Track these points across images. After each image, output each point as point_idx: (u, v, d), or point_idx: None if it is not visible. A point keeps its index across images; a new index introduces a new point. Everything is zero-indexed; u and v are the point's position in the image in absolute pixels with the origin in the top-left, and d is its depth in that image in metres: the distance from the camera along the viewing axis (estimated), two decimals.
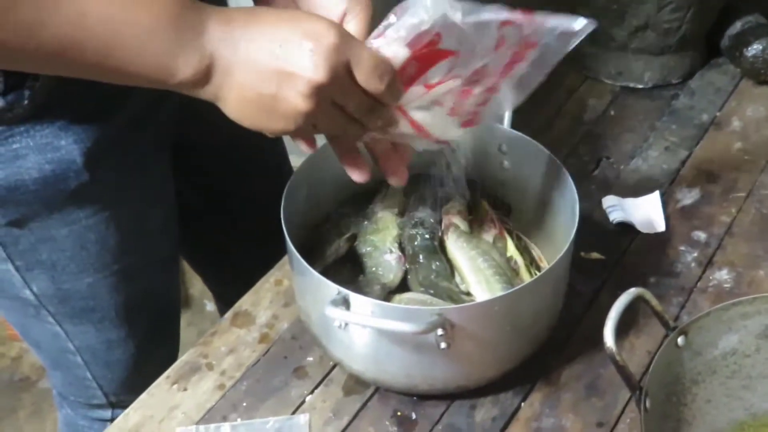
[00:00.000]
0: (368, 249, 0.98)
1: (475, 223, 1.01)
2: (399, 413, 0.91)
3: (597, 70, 1.36)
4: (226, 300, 1.12)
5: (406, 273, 0.96)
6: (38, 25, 0.64)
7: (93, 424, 1.15)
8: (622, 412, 0.90)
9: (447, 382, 0.89)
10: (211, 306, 1.95)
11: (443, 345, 0.82)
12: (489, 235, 0.99)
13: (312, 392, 0.93)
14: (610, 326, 0.77)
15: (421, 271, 0.96)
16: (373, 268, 0.96)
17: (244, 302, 1.03)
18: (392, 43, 0.70)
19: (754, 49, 1.30)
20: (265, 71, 0.67)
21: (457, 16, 0.69)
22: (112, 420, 1.10)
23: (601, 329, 0.77)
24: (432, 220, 1.01)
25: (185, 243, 1.16)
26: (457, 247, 0.98)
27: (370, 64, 0.68)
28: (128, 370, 1.08)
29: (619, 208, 1.12)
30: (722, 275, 1.04)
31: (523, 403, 0.92)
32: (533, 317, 0.89)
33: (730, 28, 1.36)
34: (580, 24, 0.77)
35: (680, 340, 0.84)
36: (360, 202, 1.03)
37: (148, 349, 1.08)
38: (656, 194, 1.14)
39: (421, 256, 0.97)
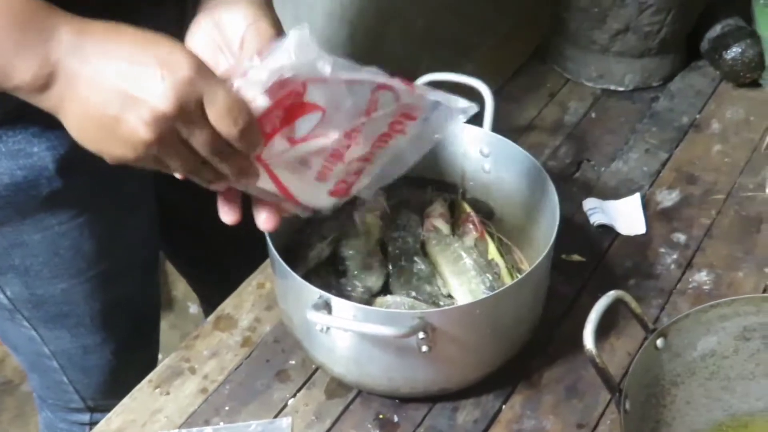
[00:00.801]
0: (350, 252, 0.98)
1: (457, 225, 1.02)
2: (381, 416, 0.91)
3: (578, 72, 1.37)
4: (211, 302, 1.12)
5: (388, 276, 0.97)
6: None
7: (72, 427, 1.14)
8: (603, 413, 0.91)
9: (429, 384, 0.89)
10: (194, 308, 1.95)
11: (425, 348, 0.82)
12: (470, 238, 0.99)
13: (294, 395, 0.93)
14: (589, 329, 0.78)
15: (403, 274, 0.96)
16: (356, 272, 0.96)
17: (227, 305, 1.03)
18: (252, 85, 0.65)
19: (734, 51, 1.32)
20: (110, 90, 0.64)
21: (326, 69, 0.65)
22: (90, 424, 1.10)
23: (581, 331, 0.77)
24: (414, 224, 1.01)
25: (169, 245, 1.15)
26: (438, 250, 0.99)
27: (225, 104, 0.64)
28: (105, 376, 1.07)
29: (599, 211, 1.12)
30: (701, 277, 1.05)
31: (504, 405, 0.92)
32: (514, 320, 0.90)
33: (710, 31, 1.37)
34: (462, 104, 0.75)
35: (659, 342, 0.85)
36: (343, 205, 1.03)
37: (125, 354, 1.07)
38: (636, 196, 1.15)
39: (403, 259, 0.98)
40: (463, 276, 0.96)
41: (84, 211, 0.91)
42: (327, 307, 0.82)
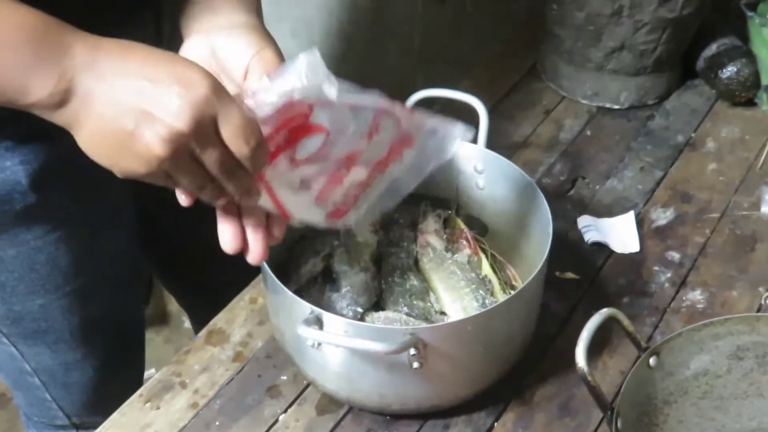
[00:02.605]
0: (343, 267, 0.98)
1: (450, 242, 1.02)
2: None
3: (573, 90, 1.37)
4: (199, 318, 1.11)
5: (381, 291, 0.97)
6: None
7: None
8: (595, 431, 0.90)
9: (420, 401, 0.89)
10: (189, 323, 1.94)
11: (416, 365, 0.82)
12: (463, 255, 0.99)
13: (285, 411, 0.93)
14: (581, 347, 0.77)
15: (396, 289, 0.96)
16: (348, 287, 0.96)
17: (219, 320, 1.02)
18: (263, 106, 0.67)
19: (729, 71, 1.32)
20: (126, 106, 0.64)
21: (332, 93, 0.66)
22: None
23: (574, 349, 0.77)
24: (407, 239, 1.01)
25: (155, 261, 1.15)
26: (432, 266, 0.98)
27: (238, 124, 0.65)
28: (88, 392, 1.06)
29: (594, 228, 1.12)
30: (695, 296, 1.05)
31: (496, 423, 0.92)
32: (507, 337, 0.89)
33: (706, 50, 1.37)
34: (458, 130, 0.76)
35: (652, 360, 0.84)
36: None
37: (108, 371, 1.06)
38: (631, 214, 1.15)
39: (396, 275, 0.97)
40: (456, 292, 0.95)
41: (59, 226, 0.91)
42: (318, 322, 0.82)
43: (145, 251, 1.07)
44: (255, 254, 0.76)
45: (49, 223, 0.90)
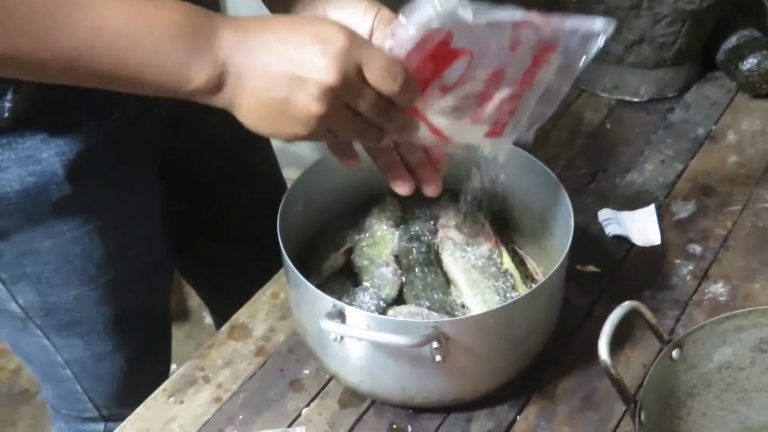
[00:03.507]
0: (365, 262, 0.98)
1: (471, 236, 1.01)
2: (395, 426, 0.91)
3: (593, 83, 1.37)
4: (221, 313, 1.12)
5: (402, 286, 0.97)
6: (55, 34, 0.65)
7: None
8: (617, 425, 0.90)
9: (442, 395, 0.89)
10: (209, 319, 1.95)
11: (438, 358, 0.82)
12: (485, 248, 0.99)
13: (308, 405, 0.93)
14: (604, 339, 0.77)
15: (417, 283, 0.96)
16: (370, 281, 0.96)
17: (241, 315, 1.03)
18: (404, 43, 0.69)
19: (750, 62, 1.31)
20: (276, 75, 0.68)
21: (468, 15, 0.68)
22: None
23: (596, 342, 0.77)
24: (428, 233, 1.01)
25: (178, 256, 1.16)
26: (452, 260, 0.98)
27: (383, 65, 0.68)
28: (118, 384, 1.08)
29: (614, 221, 1.12)
30: (717, 288, 1.04)
31: (518, 416, 0.92)
32: (528, 330, 0.89)
33: (726, 42, 1.37)
34: (599, 25, 0.75)
35: (675, 353, 0.84)
36: (357, 215, 1.03)
37: (138, 362, 1.08)
38: (652, 207, 1.14)
39: (417, 269, 0.97)
40: (477, 286, 0.95)
41: (93, 218, 0.92)
42: (341, 316, 0.82)
43: (168, 240, 1.08)
44: (432, 187, 0.86)
45: (83, 215, 0.91)
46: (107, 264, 0.96)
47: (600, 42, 0.77)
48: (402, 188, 0.84)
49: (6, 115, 0.80)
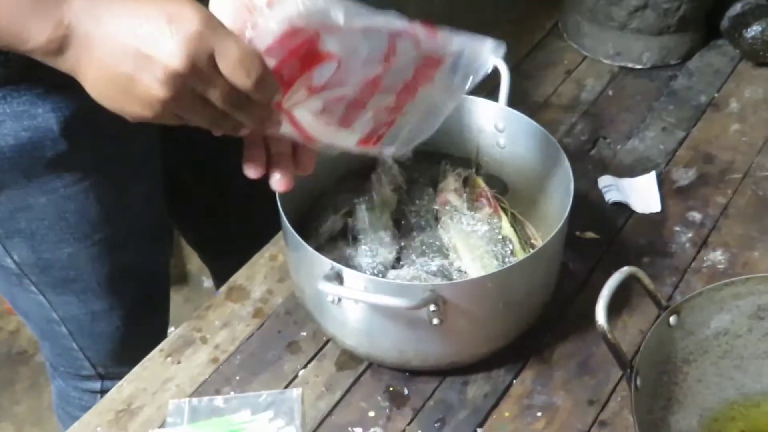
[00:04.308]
0: (363, 226, 0.98)
1: (471, 200, 1.01)
2: (391, 388, 0.91)
3: (595, 49, 1.36)
4: (221, 276, 1.12)
5: (401, 249, 0.97)
6: None
7: (83, 395, 1.15)
8: (613, 390, 0.91)
9: (439, 358, 0.89)
10: (208, 282, 1.95)
11: (436, 321, 0.82)
12: (484, 213, 0.99)
13: (305, 367, 0.93)
14: (602, 304, 0.77)
15: (416, 247, 0.96)
16: (368, 245, 0.96)
17: (239, 277, 1.03)
18: (264, 36, 0.65)
19: (754, 30, 1.30)
20: (123, 49, 0.63)
21: (339, 17, 0.65)
22: (101, 392, 1.11)
23: (594, 308, 0.77)
24: (428, 198, 1.01)
25: (179, 217, 1.15)
26: (452, 225, 0.98)
27: (236, 57, 0.63)
28: (114, 343, 1.08)
29: (615, 188, 1.12)
30: (716, 256, 1.04)
31: (515, 380, 0.92)
32: (526, 295, 0.89)
33: (730, 9, 1.35)
34: (488, 46, 0.73)
35: (672, 319, 0.84)
36: (357, 178, 1.03)
37: (134, 321, 1.07)
38: (652, 174, 1.14)
39: (416, 233, 0.97)
40: (476, 250, 0.95)
41: (89, 175, 0.91)
42: (338, 278, 0.82)
43: (168, 203, 1.08)
44: (278, 181, 0.78)
45: (79, 172, 0.90)
46: (103, 222, 0.95)
47: (489, 64, 0.75)
48: (250, 170, 0.77)
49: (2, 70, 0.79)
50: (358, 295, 0.82)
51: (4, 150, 0.84)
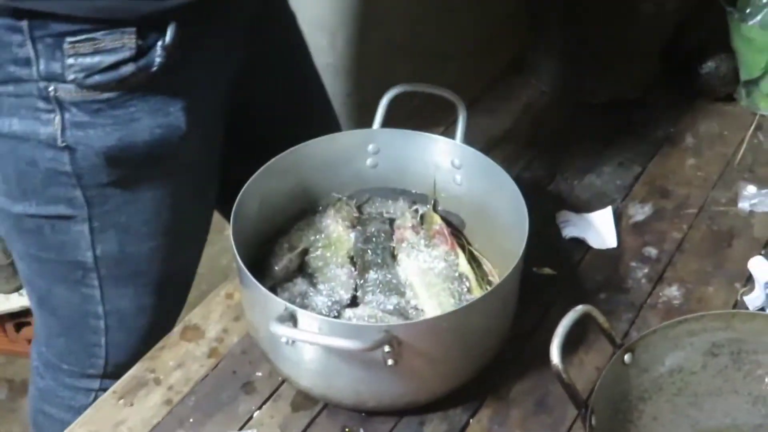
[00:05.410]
0: (320, 264, 0.97)
1: (427, 237, 1.01)
2: (347, 429, 0.90)
3: (554, 84, 1.37)
4: None
5: (357, 287, 0.96)
6: None
7: (76, 394, 1.13)
8: (570, 428, 0.90)
9: (395, 398, 0.89)
10: None
11: (390, 362, 0.81)
12: (441, 250, 0.99)
13: (260, 408, 0.92)
14: (556, 344, 0.77)
15: (373, 286, 0.96)
16: (324, 283, 0.95)
17: (194, 316, 1.02)
18: None
19: (708, 66, 1.32)
20: None
21: None
22: (100, 390, 1.09)
23: (550, 345, 0.77)
24: (384, 235, 1.01)
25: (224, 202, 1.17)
26: (408, 262, 0.98)
27: None
28: (143, 339, 1.07)
29: (572, 224, 1.12)
30: (672, 291, 1.05)
31: (471, 419, 0.91)
32: (483, 333, 0.89)
33: (685, 44, 1.37)
34: None
35: (627, 357, 0.84)
36: (312, 215, 1.03)
37: (169, 318, 1.10)
38: (609, 210, 1.14)
39: (372, 271, 0.97)
40: (433, 288, 0.95)
41: (189, 172, 0.97)
42: (292, 319, 0.81)
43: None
44: None
45: (184, 170, 0.96)
46: (187, 219, 1.00)
47: None
48: None
49: (155, 69, 0.86)
50: (311, 337, 0.81)
51: (138, 145, 0.89)
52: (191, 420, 0.91)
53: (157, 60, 0.85)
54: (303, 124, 1.13)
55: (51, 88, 0.86)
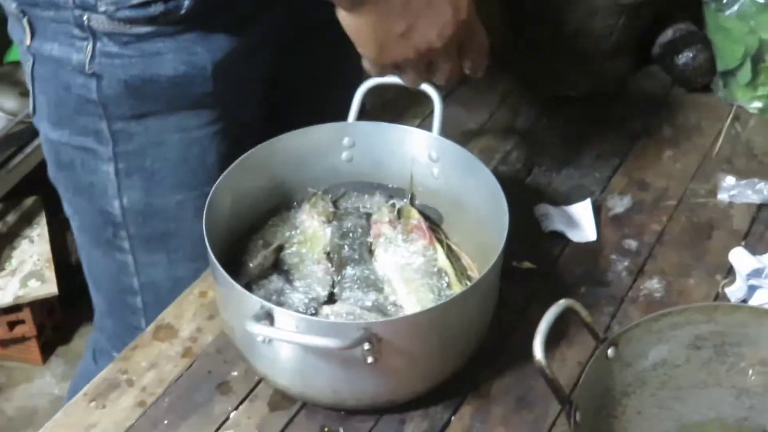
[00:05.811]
0: (295, 260, 0.95)
1: (405, 232, 0.99)
2: (326, 429, 0.88)
3: (530, 76, 1.35)
4: None
5: (335, 283, 0.94)
6: None
7: None
8: (553, 424, 0.89)
9: (375, 396, 0.87)
10: None
11: (370, 359, 0.80)
12: (419, 245, 0.97)
13: (236, 408, 0.90)
14: (539, 339, 0.76)
15: (350, 282, 0.94)
16: (301, 280, 0.93)
17: (167, 315, 0.99)
18: None
19: (685, 56, 1.31)
20: (412, 7, 0.79)
21: None
22: None
23: (531, 340, 0.76)
24: (360, 230, 0.99)
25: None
26: (386, 257, 0.96)
27: (482, 50, 0.89)
28: None
29: (551, 217, 1.11)
30: (653, 284, 1.04)
31: (453, 417, 0.90)
32: (463, 329, 0.87)
33: (662, 35, 1.36)
34: None
35: (610, 351, 0.83)
36: (287, 211, 1.00)
37: None
38: (588, 202, 1.13)
39: (349, 267, 0.95)
40: (412, 284, 0.93)
41: (217, 121, 0.99)
42: (269, 317, 0.79)
43: None
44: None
45: (211, 115, 0.99)
46: (214, 174, 0.96)
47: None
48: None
49: (183, 12, 0.90)
50: (288, 336, 0.79)
51: (161, 79, 0.94)
52: (165, 422, 0.89)
53: (186, 3, 0.89)
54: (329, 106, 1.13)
55: (85, 17, 0.91)
